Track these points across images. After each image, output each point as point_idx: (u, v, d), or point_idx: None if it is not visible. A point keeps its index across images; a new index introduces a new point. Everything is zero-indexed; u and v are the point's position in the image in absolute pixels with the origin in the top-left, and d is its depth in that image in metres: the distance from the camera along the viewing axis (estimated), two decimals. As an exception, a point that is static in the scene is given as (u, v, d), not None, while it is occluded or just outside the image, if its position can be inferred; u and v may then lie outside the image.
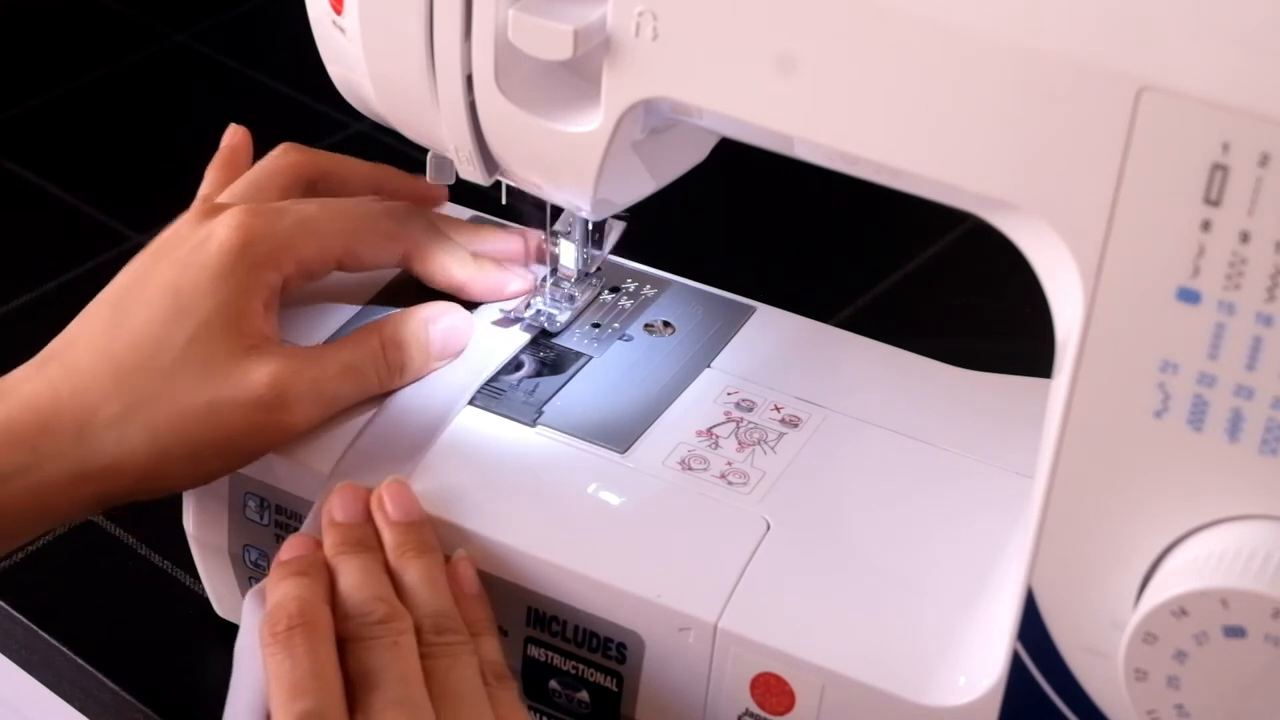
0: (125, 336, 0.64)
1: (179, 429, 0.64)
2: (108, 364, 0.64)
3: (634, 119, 0.60)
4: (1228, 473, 0.52)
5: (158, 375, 0.63)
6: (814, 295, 0.81)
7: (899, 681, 0.60)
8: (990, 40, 0.51)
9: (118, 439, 0.63)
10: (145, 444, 0.64)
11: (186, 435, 0.64)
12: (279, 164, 0.71)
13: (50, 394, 0.63)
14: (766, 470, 0.67)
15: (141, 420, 0.63)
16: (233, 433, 0.64)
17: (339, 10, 0.65)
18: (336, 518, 0.63)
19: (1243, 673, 0.51)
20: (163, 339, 0.64)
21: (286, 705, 0.56)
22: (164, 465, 0.64)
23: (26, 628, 0.75)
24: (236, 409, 0.64)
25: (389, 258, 0.70)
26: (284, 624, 0.58)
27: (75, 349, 0.65)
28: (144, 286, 0.65)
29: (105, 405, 0.63)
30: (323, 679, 0.57)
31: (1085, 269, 0.51)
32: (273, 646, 0.58)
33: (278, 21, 1.14)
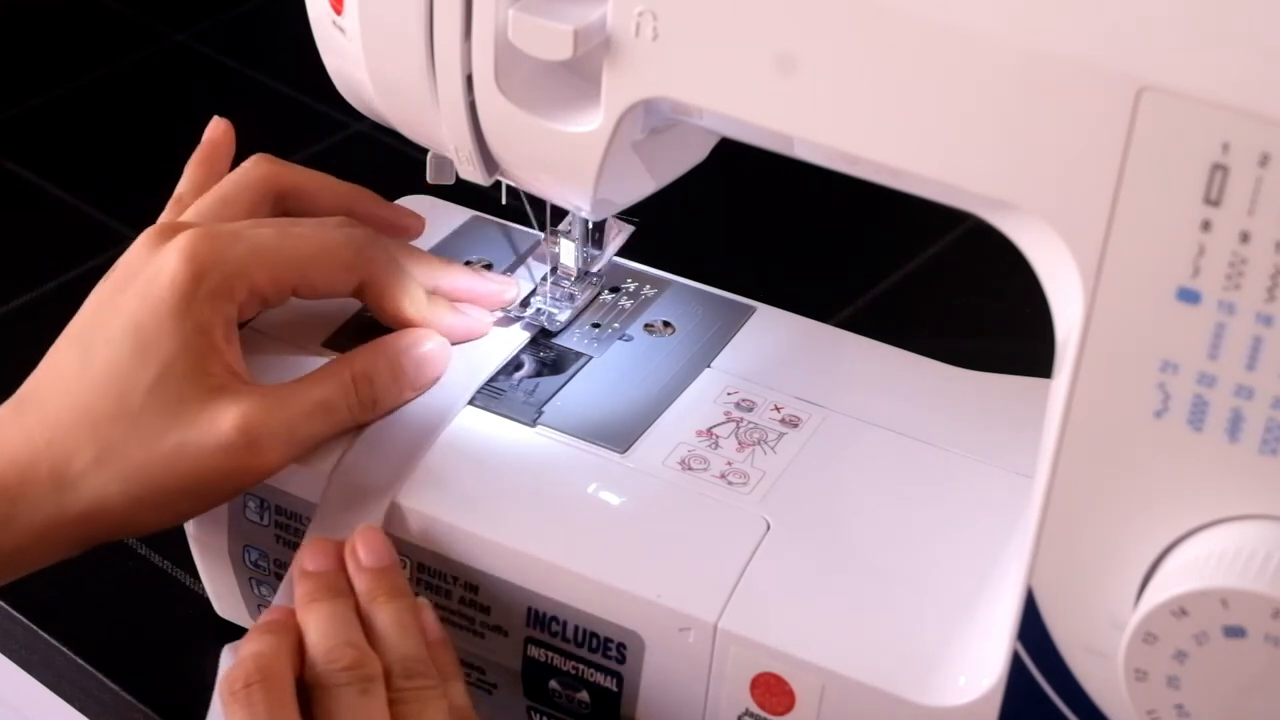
0: (92, 379, 0.63)
1: (149, 475, 0.63)
2: (80, 411, 0.63)
3: (634, 119, 0.60)
4: (1228, 473, 0.52)
5: (126, 421, 0.63)
6: (814, 295, 0.81)
7: (899, 681, 0.60)
8: (990, 40, 0.51)
9: (92, 487, 0.63)
10: (119, 491, 0.63)
11: (156, 481, 0.63)
12: (249, 177, 0.70)
13: (27, 444, 0.63)
14: (766, 470, 0.67)
15: (114, 468, 0.63)
16: (202, 477, 0.63)
17: (339, 10, 0.65)
18: (307, 568, 0.63)
19: (1243, 673, 0.51)
20: (129, 382, 0.63)
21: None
22: (138, 510, 0.64)
23: (26, 628, 0.75)
24: (205, 454, 0.63)
25: (344, 287, 0.68)
26: (241, 682, 0.58)
27: (49, 393, 0.64)
28: (107, 322, 0.64)
29: (79, 454, 0.63)
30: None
31: (1085, 269, 0.51)
32: (232, 705, 0.58)
33: (278, 21, 1.14)
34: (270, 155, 0.71)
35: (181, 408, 0.63)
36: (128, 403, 0.63)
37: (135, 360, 0.63)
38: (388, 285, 0.68)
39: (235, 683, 0.58)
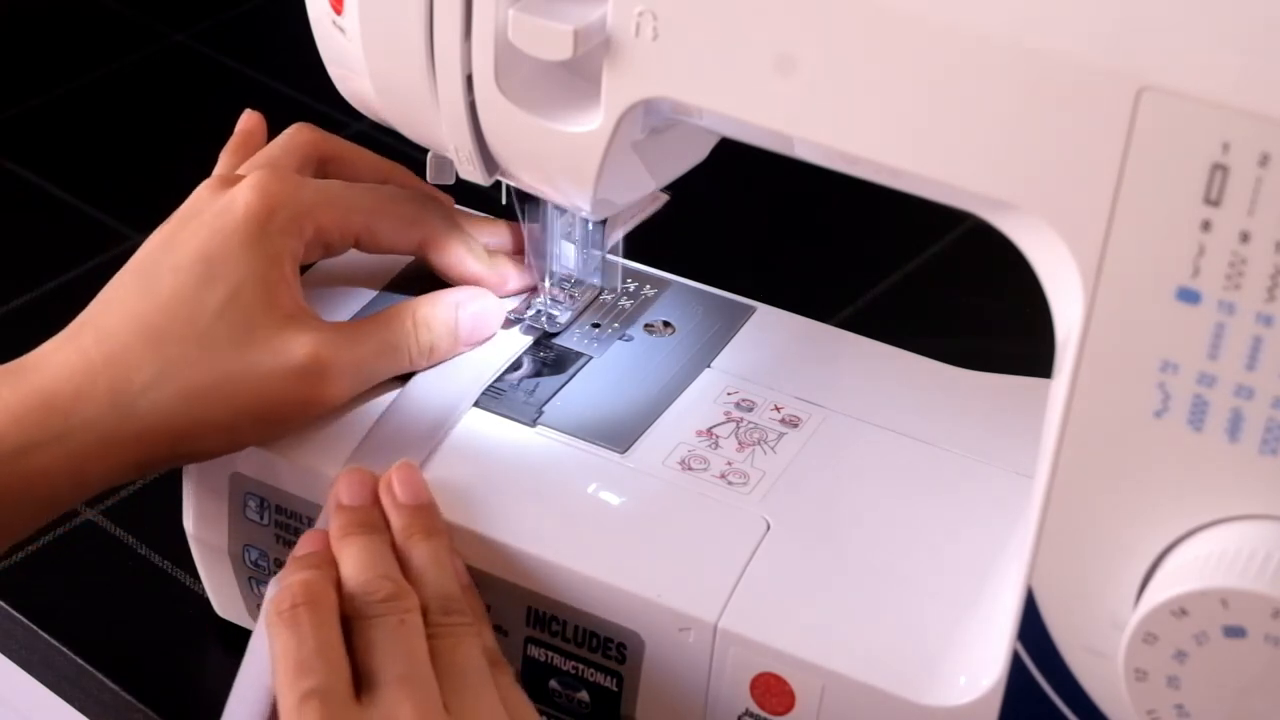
0: (157, 303, 0.64)
1: (217, 395, 0.64)
2: (141, 330, 0.63)
3: (634, 119, 0.60)
4: (1228, 473, 0.52)
5: (193, 341, 0.63)
6: (814, 295, 0.81)
7: (899, 681, 0.60)
8: (990, 40, 0.51)
9: (153, 405, 0.63)
10: (182, 410, 0.63)
11: (224, 402, 0.64)
12: (294, 140, 0.71)
13: (83, 362, 0.63)
14: (766, 470, 0.67)
15: (177, 386, 0.63)
16: (272, 401, 0.64)
17: (339, 10, 0.65)
18: (343, 501, 0.63)
19: (1243, 673, 0.51)
20: (196, 305, 0.64)
21: (292, 683, 0.56)
22: (200, 431, 0.64)
23: (26, 628, 0.75)
24: (277, 378, 0.64)
25: (406, 242, 0.70)
26: (289, 603, 0.58)
27: (107, 317, 0.65)
28: (172, 253, 0.65)
29: (140, 371, 0.63)
30: (328, 656, 0.57)
31: (1085, 269, 0.51)
32: (278, 625, 0.58)
33: (278, 21, 1.14)
34: (310, 124, 0.72)
35: (252, 332, 0.64)
36: (196, 324, 0.63)
37: (204, 285, 0.64)
38: (450, 241, 0.70)
39: (282, 604, 0.58)
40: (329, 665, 0.57)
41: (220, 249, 0.64)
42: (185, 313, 0.64)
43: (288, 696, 0.56)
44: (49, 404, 0.63)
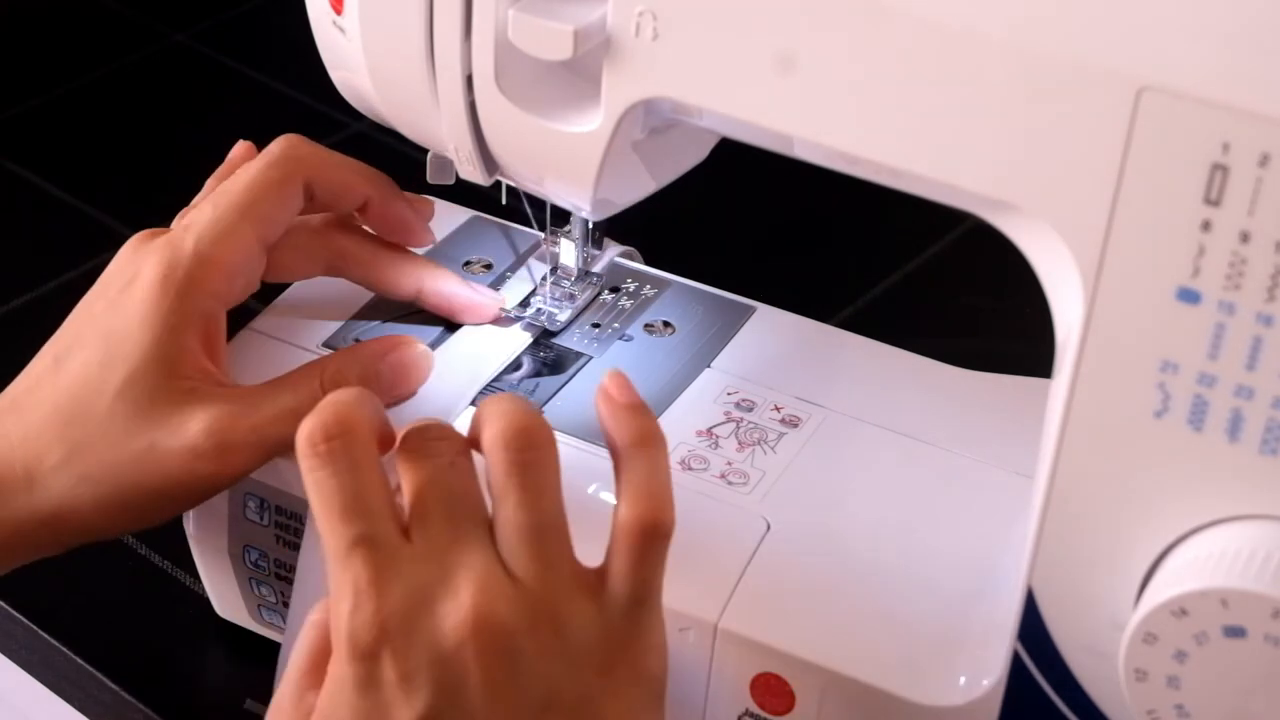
0: (64, 383, 0.64)
1: (117, 477, 0.63)
2: (51, 412, 0.64)
3: (634, 119, 0.60)
4: (1228, 473, 0.52)
5: (94, 422, 0.63)
6: (814, 295, 0.81)
7: (899, 681, 0.60)
8: (990, 40, 0.51)
9: (63, 486, 0.63)
10: (88, 492, 0.63)
11: (125, 483, 0.63)
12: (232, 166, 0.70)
13: (4, 443, 0.64)
14: (766, 470, 0.67)
15: (82, 468, 0.63)
16: (171, 479, 0.63)
17: (339, 10, 0.65)
18: None
19: (1243, 673, 0.51)
20: (98, 385, 0.63)
21: (337, 529, 0.53)
22: (106, 511, 0.64)
23: (26, 628, 0.75)
24: (173, 457, 0.63)
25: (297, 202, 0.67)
26: (322, 435, 0.54)
27: (25, 397, 0.65)
28: (81, 330, 0.65)
29: (50, 452, 0.63)
30: (372, 497, 0.54)
31: (1085, 269, 0.51)
32: (313, 463, 0.54)
33: (278, 21, 1.13)
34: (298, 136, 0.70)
35: (150, 411, 0.63)
36: (96, 404, 0.63)
37: (105, 365, 0.63)
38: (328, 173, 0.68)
39: (315, 438, 0.54)
40: (374, 508, 0.54)
41: (121, 326, 0.64)
42: (88, 395, 0.63)
43: (335, 544, 0.54)
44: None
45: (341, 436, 0.54)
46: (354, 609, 0.53)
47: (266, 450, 0.64)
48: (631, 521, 0.56)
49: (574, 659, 0.55)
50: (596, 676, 0.55)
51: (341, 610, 0.53)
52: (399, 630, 0.53)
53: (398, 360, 0.67)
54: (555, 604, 0.54)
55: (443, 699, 0.53)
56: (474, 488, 0.56)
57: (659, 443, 0.57)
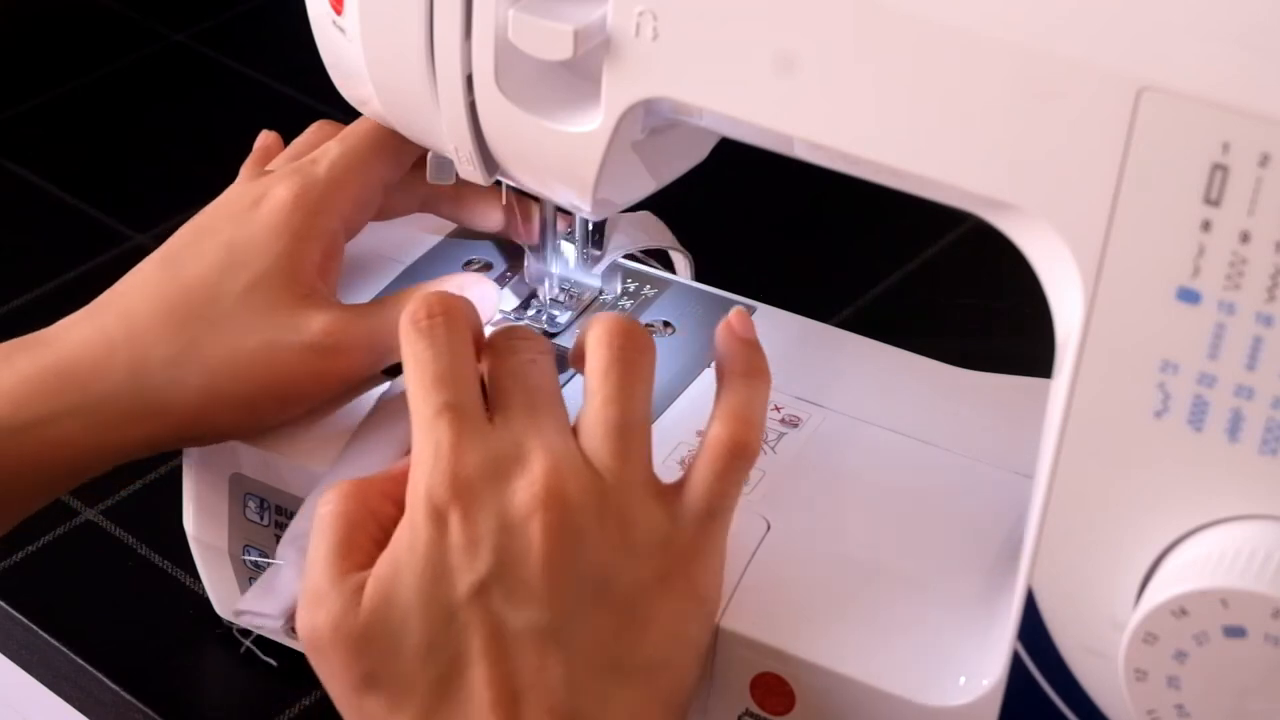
0: (180, 285, 0.65)
1: (234, 372, 0.65)
2: (163, 310, 0.65)
3: (634, 119, 0.60)
4: (1228, 473, 0.52)
5: (213, 320, 0.65)
6: (814, 295, 0.81)
7: (899, 681, 0.60)
8: (990, 40, 0.51)
9: (171, 380, 0.64)
10: (199, 386, 0.64)
11: (241, 378, 0.65)
12: (316, 139, 0.72)
13: (103, 338, 0.65)
14: (766, 470, 0.67)
15: (196, 362, 0.64)
16: (288, 377, 0.65)
17: (339, 10, 0.65)
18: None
19: (1243, 673, 0.51)
20: (219, 287, 0.65)
21: (428, 396, 0.57)
22: (216, 408, 0.65)
23: (26, 628, 0.75)
24: (292, 352, 0.65)
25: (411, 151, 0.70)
26: (425, 314, 0.59)
27: (128, 298, 0.66)
28: (198, 242, 0.66)
29: (159, 347, 0.64)
30: (463, 372, 0.58)
31: (1085, 269, 0.51)
32: (414, 335, 0.59)
33: (278, 21, 1.14)
34: (330, 120, 0.73)
35: (270, 311, 0.65)
36: (217, 306, 0.65)
37: (228, 270, 0.65)
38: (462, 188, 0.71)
39: (419, 315, 0.59)
40: (464, 381, 0.58)
41: (246, 237, 0.66)
42: (208, 295, 0.65)
43: (423, 408, 0.57)
44: (67, 376, 0.64)
45: (443, 315, 0.59)
46: (433, 468, 0.56)
47: (377, 355, 0.67)
48: (722, 437, 0.60)
49: (635, 555, 0.57)
50: (653, 579, 0.58)
51: (421, 470, 0.56)
52: (472, 493, 0.56)
53: (479, 294, 0.70)
54: (626, 498, 0.58)
55: (503, 566, 0.56)
56: (553, 383, 0.60)
57: (765, 379, 0.62)
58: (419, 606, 0.56)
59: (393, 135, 0.69)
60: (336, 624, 0.56)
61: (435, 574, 0.56)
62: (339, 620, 0.56)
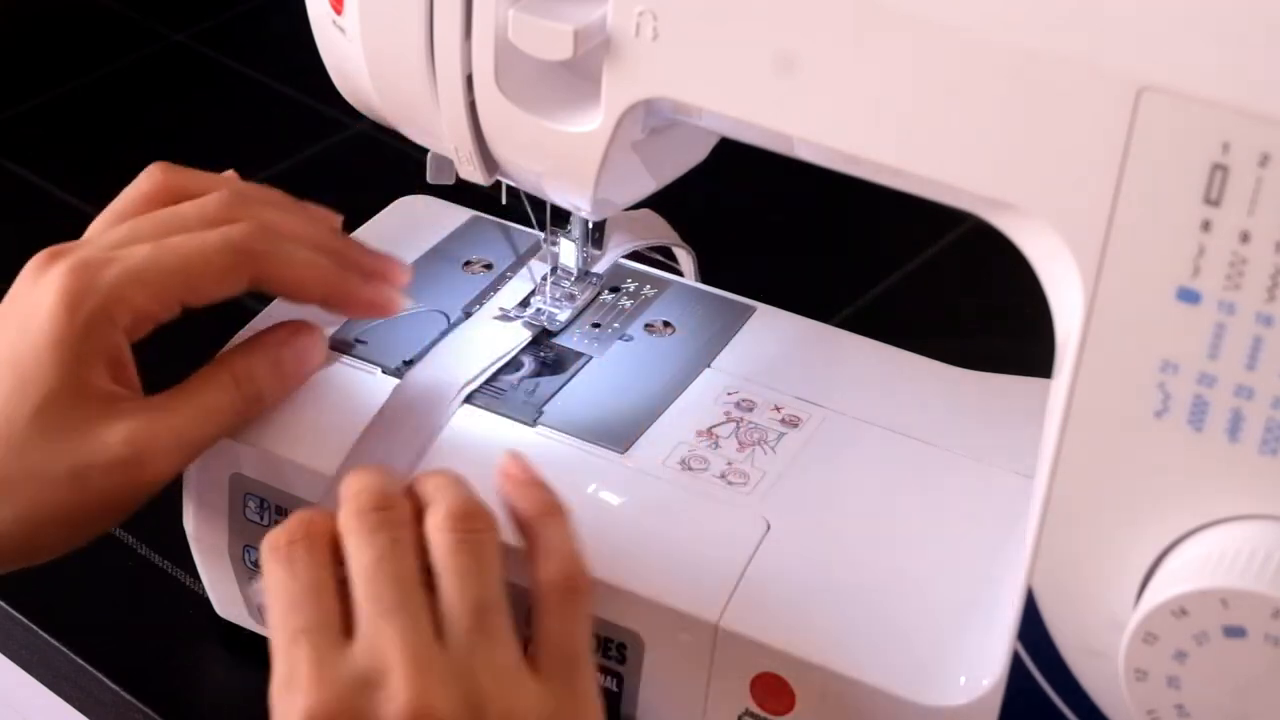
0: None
1: (41, 502, 0.63)
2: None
3: (634, 119, 0.60)
4: (1228, 473, 0.52)
5: (12, 453, 0.63)
6: (814, 295, 0.81)
7: (899, 681, 0.60)
8: (990, 40, 0.51)
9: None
10: (13, 519, 0.63)
11: (50, 506, 0.63)
12: (142, 190, 0.69)
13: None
14: (766, 470, 0.67)
15: (8, 495, 0.63)
16: (97, 496, 0.63)
17: (339, 10, 0.65)
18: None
19: (1243, 673, 0.51)
20: (10, 413, 0.63)
21: (283, 621, 0.56)
22: (36, 537, 0.64)
23: (26, 627, 0.75)
24: (97, 473, 0.63)
25: (235, 289, 0.66)
26: (285, 539, 0.57)
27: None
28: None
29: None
30: (319, 595, 0.56)
31: (1085, 269, 0.51)
32: (272, 562, 0.57)
33: (278, 21, 1.14)
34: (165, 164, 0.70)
35: (66, 433, 0.63)
36: (10, 435, 0.63)
37: (16, 393, 0.63)
38: (282, 273, 0.66)
39: (278, 541, 0.58)
40: (318, 603, 0.56)
41: (29, 353, 0.63)
42: (2, 424, 0.63)
43: (279, 634, 0.56)
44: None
45: (303, 539, 0.57)
46: (292, 708, 0.54)
47: (189, 451, 0.65)
48: (552, 581, 0.58)
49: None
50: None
51: (279, 699, 0.55)
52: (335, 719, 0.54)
53: (300, 346, 0.68)
54: (501, 688, 0.56)
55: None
56: (412, 570, 0.57)
57: (564, 511, 0.60)
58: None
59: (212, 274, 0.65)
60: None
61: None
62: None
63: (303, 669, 0.54)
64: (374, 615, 0.56)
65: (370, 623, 0.55)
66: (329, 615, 0.56)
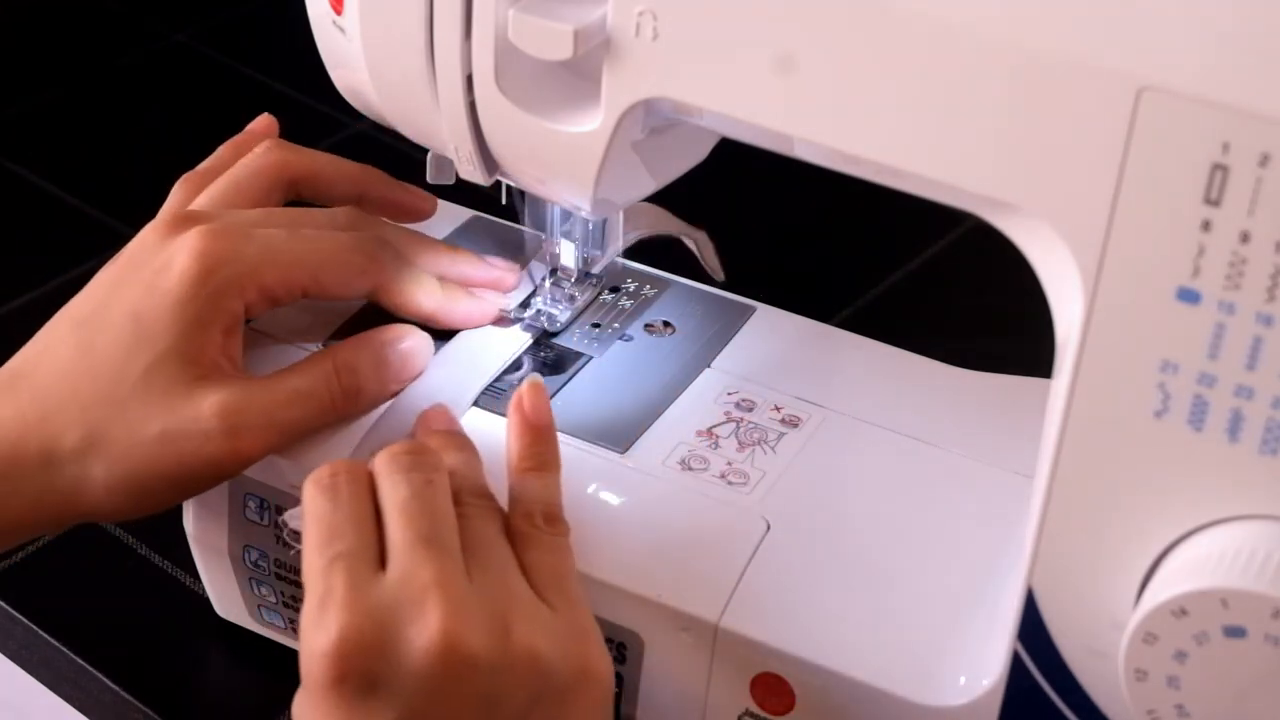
0: (88, 363, 0.64)
1: (132, 462, 0.64)
2: (72, 392, 0.64)
3: (634, 119, 0.60)
4: (1228, 473, 0.52)
5: (115, 406, 0.63)
6: (814, 295, 0.81)
7: (899, 681, 0.60)
8: (990, 40, 0.51)
9: (79, 468, 0.64)
10: (103, 474, 0.64)
11: (139, 468, 0.64)
12: (259, 164, 0.70)
13: (18, 421, 0.64)
14: (766, 470, 0.67)
15: (99, 452, 0.63)
16: (184, 464, 0.64)
17: (339, 10, 0.65)
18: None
19: (1243, 673, 0.51)
20: (122, 369, 0.64)
21: (322, 547, 0.57)
22: (119, 496, 0.64)
23: (26, 628, 0.75)
24: (186, 441, 0.63)
25: (356, 291, 0.69)
26: (329, 473, 0.59)
27: (41, 371, 0.65)
28: (109, 308, 0.65)
29: (68, 434, 0.63)
30: (358, 523, 0.57)
31: (1085, 269, 0.51)
32: (314, 492, 0.58)
33: (278, 21, 1.14)
34: (282, 140, 0.71)
35: (166, 396, 0.63)
36: (118, 389, 0.63)
37: (133, 347, 0.64)
38: (401, 284, 0.69)
39: (321, 475, 0.59)
40: (358, 531, 0.57)
41: (152, 310, 0.64)
42: (111, 377, 0.64)
43: (317, 560, 0.56)
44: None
45: (346, 473, 0.58)
46: (326, 629, 0.55)
47: (277, 433, 0.65)
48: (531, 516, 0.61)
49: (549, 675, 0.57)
50: (571, 683, 0.57)
51: (313, 621, 0.55)
52: (370, 650, 0.55)
53: (407, 348, 0.69)
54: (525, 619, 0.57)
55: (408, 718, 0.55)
56: (448, 506, 0.58)
57: (556, 468, 0.63)
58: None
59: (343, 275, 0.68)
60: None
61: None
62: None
63: (339, 591, 0.55)
64: (408, 547, 0.57)
65: (404, 554, 0.56)
66: (367, 544, 0.57)
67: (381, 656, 0.55)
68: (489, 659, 0.55)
